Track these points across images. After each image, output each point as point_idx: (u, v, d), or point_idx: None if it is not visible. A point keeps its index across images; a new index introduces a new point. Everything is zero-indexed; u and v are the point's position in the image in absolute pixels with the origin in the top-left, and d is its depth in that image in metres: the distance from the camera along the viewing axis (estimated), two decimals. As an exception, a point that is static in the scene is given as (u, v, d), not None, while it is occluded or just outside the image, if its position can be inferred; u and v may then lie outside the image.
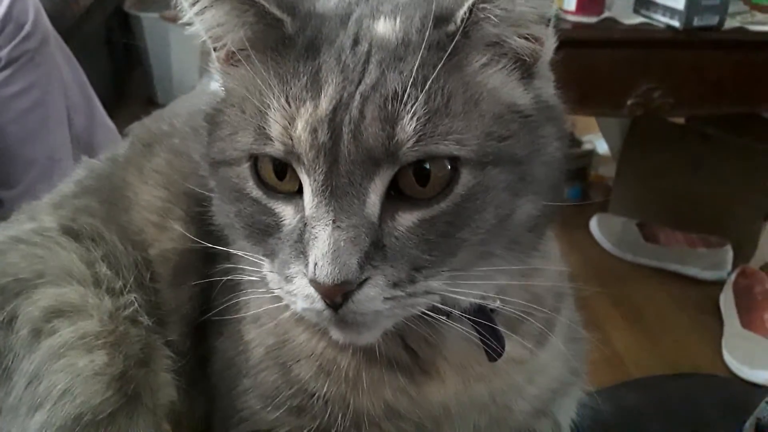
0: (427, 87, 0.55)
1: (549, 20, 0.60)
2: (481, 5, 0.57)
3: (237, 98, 0.62)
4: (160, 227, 0.82)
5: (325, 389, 0.70)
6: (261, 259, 0.63)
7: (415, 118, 0.54)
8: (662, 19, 1.70)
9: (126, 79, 3.50)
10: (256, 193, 0.61)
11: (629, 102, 1.77)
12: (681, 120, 2.51)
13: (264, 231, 0.61)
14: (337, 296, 0.56)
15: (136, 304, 0.76)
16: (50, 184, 0.92)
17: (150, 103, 3.36)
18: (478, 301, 0.66)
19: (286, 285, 0.59)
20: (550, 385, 0.77)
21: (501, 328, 0.68)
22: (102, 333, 0.71)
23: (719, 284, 2.29)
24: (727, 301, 2.20)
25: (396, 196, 0.57)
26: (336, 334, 0.62)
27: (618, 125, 2.65)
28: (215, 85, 0.68)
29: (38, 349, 0.69)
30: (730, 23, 1.72)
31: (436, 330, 0.68)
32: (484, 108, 0.58)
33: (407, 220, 0.57)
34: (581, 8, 1.69)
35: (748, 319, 2.09)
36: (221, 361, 0.78)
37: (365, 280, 0.56)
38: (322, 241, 0.55)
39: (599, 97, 1.75)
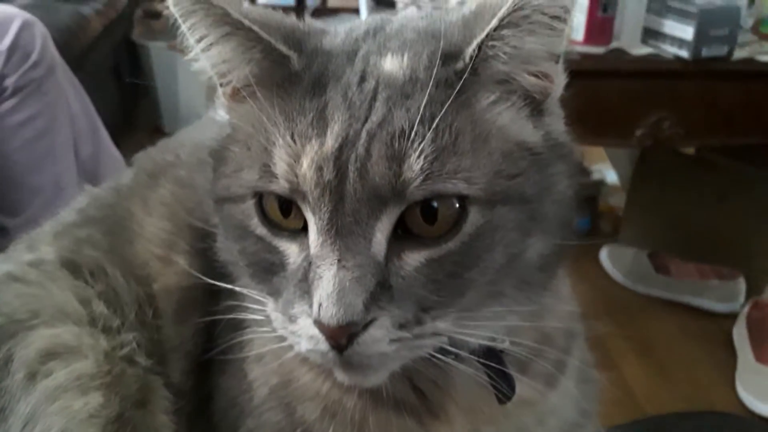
0: (434, 125, 0.54)
1: (559, 57, 0.59)
2: (490, 42, 0.55)
3: (242, 135, 0.61)
4: (165, 261, 0.81)
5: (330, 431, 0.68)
6: (265, 298, 0.62)
7: (422, 156, 0.53)
8: (671, 50, 1.70)
9: (133, 108, 3.52)
10: (260, 230, 0.60)
11: (638, 132, 1.77)
12: (691, 150, 2.49)
13: (268, 269, 0.60)
14: (342, 338, 0.54)
15: (133, 344, 0.74)
16: (55, 212, 0.91)
17: (157, 131, 3.36)
18: (486, 342, 0.64)
19: (290, 325, 0.58)
20: (560, 428, 0.75)
21: (511, 370, 0.66)
22: (97, 374, 0.69)
23: (732, 317, 2.26)
24: (740, 334, 2.16)
25: (403, 235, 0.55)
26: (341, 376, 0.60)
27: (627, 155, 2.64)
28: (221, 115, 0.67)
29: (34, 391, 0.67)
30: (739, 54, 1.72)
31: (445, 372, 0.66)
32: (493, 146, 0.56)
33: (414, 260, 0.55)
34: (589, 38, 1.69)
35: (761, 353, 2.05)
36: (224, 399, 0.76)
37: (371, 321, 0.54)
38: (326, 281, 0.53)
39: (608, 128, 1.75)
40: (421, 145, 0.53)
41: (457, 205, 0.55)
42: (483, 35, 0.55)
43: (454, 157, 0.54)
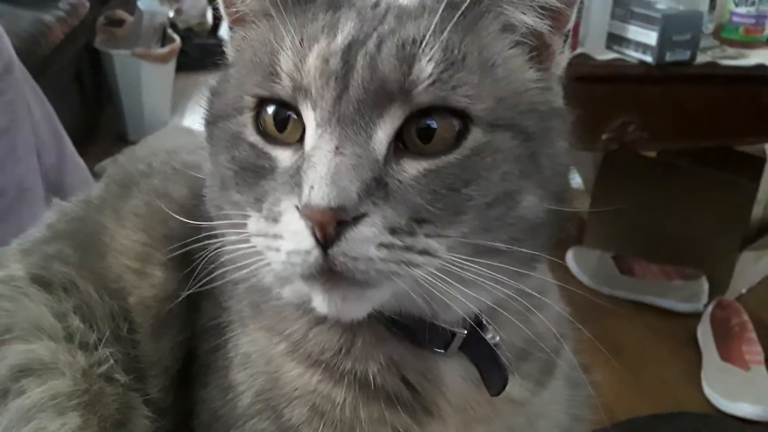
0: (445, 36, 0.56)
1: (567, 33, 0.63)
2: None
3: (248, 54, 0.63)
4: (140, 273, 0.78)
5: None
6: (246, 215, 0.59)
7: (432, 62, 0.55)
8: (635, 55, 1.73)
9: (97, 117, 3.45)
10: (254, 138, 0.60)
11: (604, 137, 1.78)
12: (653, 153, 2.53)
13: (256, 173, 0.59)
14: (330, 225, 0.51)
15: (111, 360, 0.71)
16: (19, 214, 0.87)
17: (121, 140, 3.31)
18: (473, 307, 0.62)
19: (273, 227, 0.55)
20: (551, 430, 0.75)
21: (502, 359, 0.65)
22: (75, 393, 0.66)
23: (696, 316, 2.30)
24: (704, 333, 2.20)
25: (403, 149, 0.56)
26: (319, 302, 0.57)
27: (591, 159, 2.67)
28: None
29: (5, 411, 0.64)
30: (701, 58, 1.75)
31: (434, 364, 0.66)
32: (500, 74, 0.59)
33: (413, 168, 0.55)
34: (556, 45, 1.70)
35: (726, 351, 2.10)
36: (206, 413, 0.73)
37: (362, 216, 0.52)
38: (321, 165, 0.52)
39: (574, 132, 1.75)
40: (432, 51, 0.55)
41: (458, 128, 0.56)
42: None
43: (462, 71, 0.56)
